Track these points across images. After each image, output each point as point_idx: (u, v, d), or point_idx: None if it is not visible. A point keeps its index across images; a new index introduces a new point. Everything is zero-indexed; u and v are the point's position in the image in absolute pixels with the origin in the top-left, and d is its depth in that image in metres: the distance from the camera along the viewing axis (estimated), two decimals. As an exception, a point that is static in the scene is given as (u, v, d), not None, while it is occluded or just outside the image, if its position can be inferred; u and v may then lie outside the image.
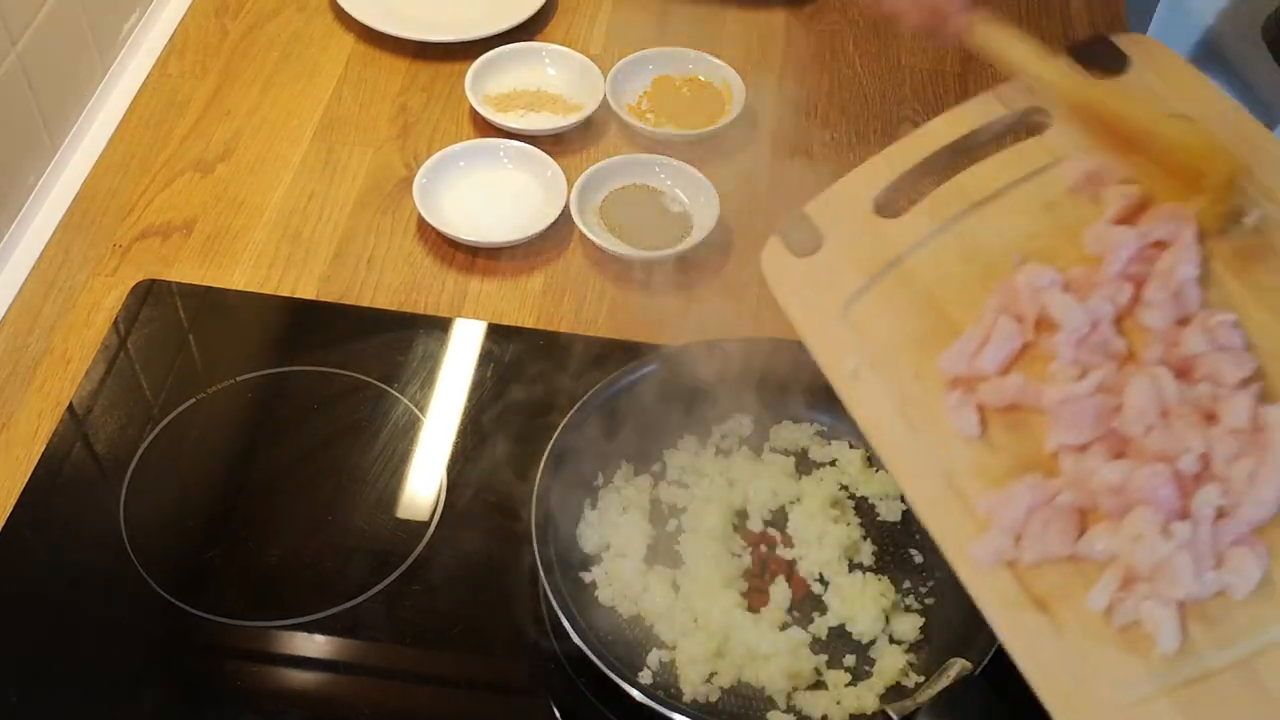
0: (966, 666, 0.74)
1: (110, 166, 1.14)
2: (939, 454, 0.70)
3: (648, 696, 0.75)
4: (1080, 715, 0.60)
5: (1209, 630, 0.60)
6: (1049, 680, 0.61)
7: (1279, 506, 0.61)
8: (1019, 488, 0.66)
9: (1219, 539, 0.61)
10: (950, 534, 0.67)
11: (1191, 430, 0.63)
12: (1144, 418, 0.65)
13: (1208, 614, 0.60)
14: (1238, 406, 0.63)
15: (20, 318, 1.02)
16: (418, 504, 0.91)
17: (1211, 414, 0.65)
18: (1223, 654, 0.59)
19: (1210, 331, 0.67)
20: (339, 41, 1.28)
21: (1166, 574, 0.61)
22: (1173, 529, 0.61)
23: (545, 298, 1.05)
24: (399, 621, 0.85)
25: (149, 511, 0.90)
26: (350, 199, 1.13)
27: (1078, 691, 0.61)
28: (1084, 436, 0.66)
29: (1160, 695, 0.59)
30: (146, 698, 0.81)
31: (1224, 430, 0.63)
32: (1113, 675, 0.61)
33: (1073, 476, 0.66)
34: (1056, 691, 0.61)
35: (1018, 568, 0.65)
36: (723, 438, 0.93)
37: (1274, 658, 0.59)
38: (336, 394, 0.98)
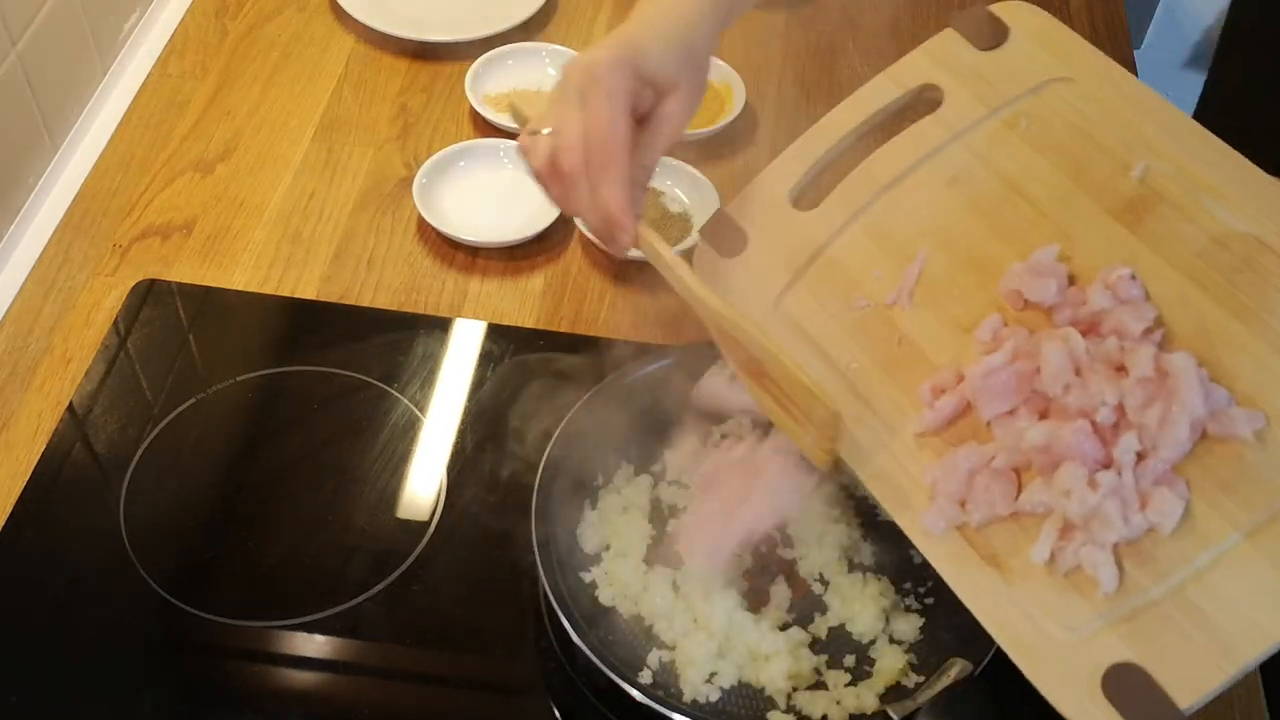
0: (966, 666, 0.74)
1: (110, 166, 1.15)
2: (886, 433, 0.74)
3: (648, 697, 0.75)
4: (1037, 657, 0.65)
5: (1144, 566, 0.65)
6: (1006, 629, 0.67)
7: (1191, 444, 0.66)
8: (958, 456, 0.70)
9: (1141, 482, 0.66)
10: (902, 507, 0.72)
11: (1105, 383, 0.68)
12: (1060, 377, 0.69)
13: (1141, 551, 0.65)
14: (1143, 357, 0.68)
15: (20, 318, 1.02)
16: (418, 504, 0.91)
17: (1121, 365, 0.69)
18: (1159, 586, 0.64)
19: (1111, 287, 0.71)
20: (339, 41, 1.28)
21: (1098, 521, 0.66)
22: (1099, 479, 0.66)
23: (545, 298, 1.05)
24: (399, 621, 0.85)
25: (149, 511, 0.90)
26: (350, 199, 1.13)
27: (1033, 635, 0.66)
28: (1010, 403, 0.71)
29: (1107, 630, 0.64)
30: (146, 698, 0.81)
31: (1133, 380, 0.67)
32: (1062, 618, 0.66)
33: (1005, 441, 0.70)
34: (1014, 638, 0.66)
35: (967, 530, 0.70)
36: (722, 438, 0.93)
37: (1204, 583, 0.63)
38: (336, 394, 0.98)
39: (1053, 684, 0.65)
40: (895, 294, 0.78)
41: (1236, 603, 0.62)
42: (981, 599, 0.68)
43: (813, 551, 0.86)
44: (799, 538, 0.87)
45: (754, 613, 0.83)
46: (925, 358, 0.75)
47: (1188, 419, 0.66)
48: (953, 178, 0.79)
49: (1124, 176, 0.75)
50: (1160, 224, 0.73)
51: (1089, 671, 0.64)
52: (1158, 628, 0.63)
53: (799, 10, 1.32)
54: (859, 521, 0.89)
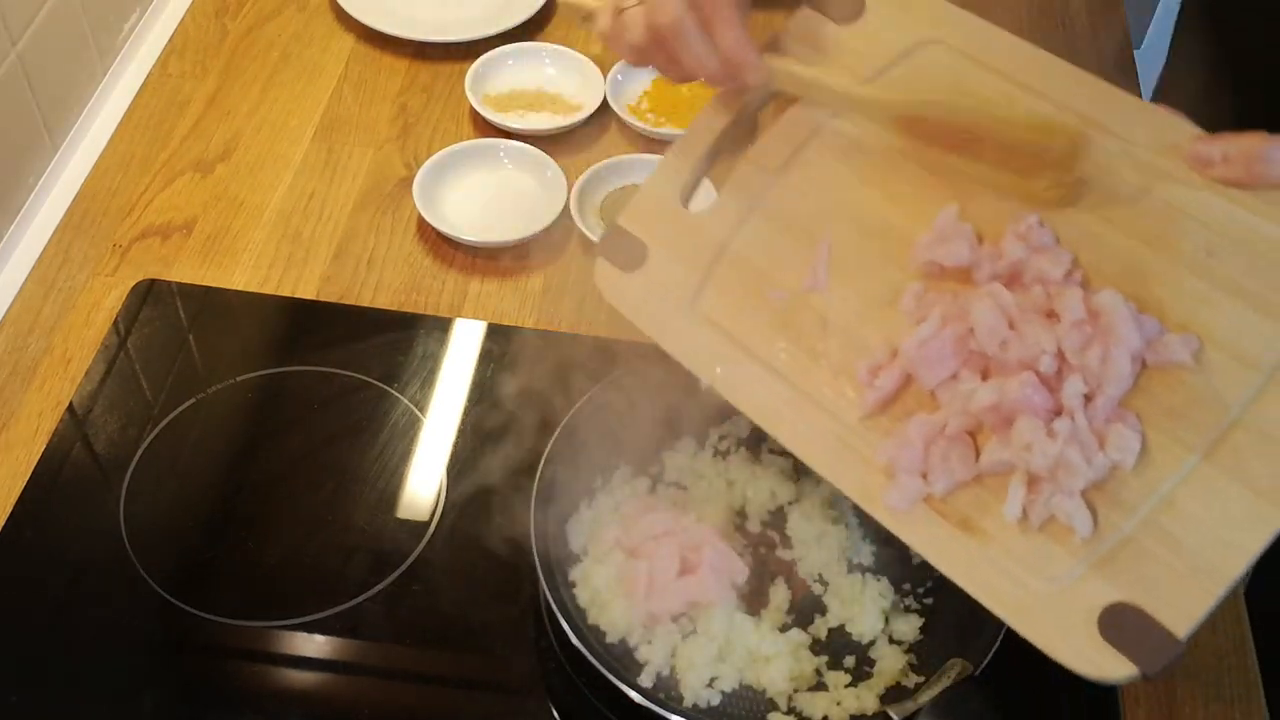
0: (966, 666, 0.74)
1: (110, 166, 1.15)
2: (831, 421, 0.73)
3: (647, 698, 0.75)
4: (1029, 614, 0.65)
5: (1114, 504, 0.65)
6: (991, 592, 0.67)
7: (1134, 377, 0.67)
8: (909, 430, 0.70)
9: (1094, 422, 0.66)
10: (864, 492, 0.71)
11: (1041, 332, 0.68)
12: (995, 334, 0.69)
13: (1108, 491, 0.66)
14: (1071, 300, 0.68)
15: (20, 318, 1.02)
16: (418, 504, 0.91)
17: (1051, 312, 0.69)
18: (1131, 520, 0.65)
19: (1023, 237, 0.71)
20: (339, 41, 1.28)
21: (1063, 469, 0.66)
22: (1055, 428, 0.66)
23: (545, 298, 1.06)
24: (399, 621, 0.85)
25: (149, 511, 0.90)
26: (350, 199, 1.13)
27: (1018, 592, 0.66)
28: (950, 368, 0.71)
29: (1090, 574, 0.64)
30: (146, 698, 0.81)
31: (1067, 325, 0.68)
32: (1044, 570, 0.66)
33: (953, 405, 0.70)
34: (1001, 600, 0.66)
35: (934, 502, 0.69)
36: (720, 439, 0.93)
37: (1174, 510, 0.64)
38: (336, 394, 0.98)
39: (1050, 638, 0.64)
40: (810, 279, 0.77)
41: (1208, 524, 0.63)
42: (961, 566, 0.68)
43: (812, 552, 0.86)
44: (798, 538, 0.87)
45: (753, 615, 0.83)
46: (852, 338, 0.74)
47: (1126, 353, 0.66)
48: (841, 152, 0.78)
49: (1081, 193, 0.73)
50: None
51: (1083, 618, 0.64)
52: (1139, 563, 0.64)
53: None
54: (858, 522, 0.89)
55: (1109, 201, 0.71)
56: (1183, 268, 0.68)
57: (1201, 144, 0.69)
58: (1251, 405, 0.64)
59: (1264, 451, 0.63)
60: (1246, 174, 0.67)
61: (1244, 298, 0.67)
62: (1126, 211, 0.70)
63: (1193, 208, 0.69)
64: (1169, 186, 0.70)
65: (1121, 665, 0.62)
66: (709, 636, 0.81)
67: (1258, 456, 0.63)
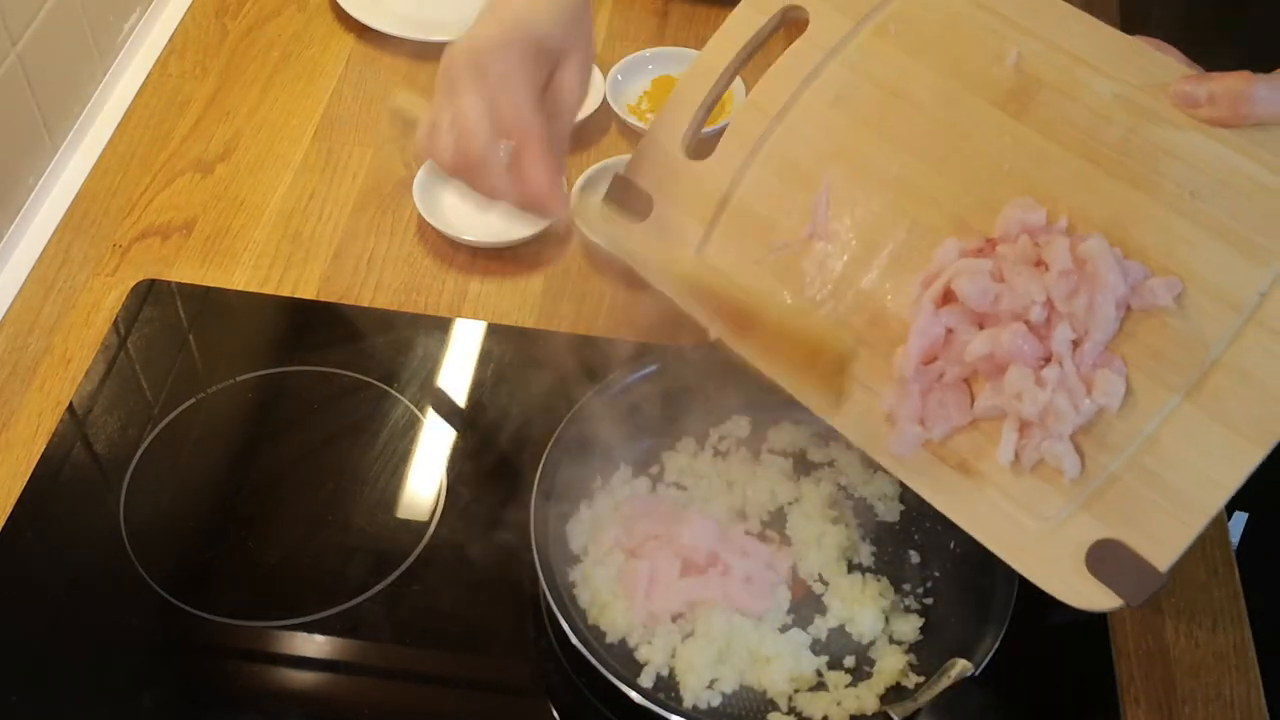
0: (966, 666, 0.74)
1: (110, 166, 1.14)
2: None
3: (647, 699, 0.75)
4: (1022, 550, 0.69)
5: (1101, 446, 0.68)
6: (988, 530, 0.70)
7: (1119, 322, 0.69)
8: (909, 380, 0.72)
9: (1081, 368, 0.69)
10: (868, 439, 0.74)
11: (1030, 283, 0.70)
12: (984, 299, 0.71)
13: (1095, 433, 0.68)
14: (1058, 249, 0.70)
15: (20, 318, 1.02)
16: (418, 504, 0.91)
17: (1039, 261, 0.71)
18: (1117, 460, 0.67)
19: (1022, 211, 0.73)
20: (339, 41, 1.28)
21: (1052, 416, 0.68)
22: (1044, 376, 0.69)
23: (545, 298, 1.05)
24: (399, 621, 0.85)
25: (149, 511, 0.90)
26: (350, 199, 1.13)
27: (1012, 531, 0.69)
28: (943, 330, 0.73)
29: (1079, 512, 0.68)
30: (146, 698, 0.81)
31: (1055, 274, 0.70)
32: (1036, 509, 0.69)
33: (950, 355, 0.72)
34: (996, 536, 0.70)
35: (932, 445, 0.72)
36: (720, 439, 0.93)
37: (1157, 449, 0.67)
38: (336, 394, 0.98)
39: (1041, 572, 0.68)
40: (810, 226, 0.77)
41: (1189, 462, 0.66)
42: (959, 506, 0.71)
43: (812, 552, 0.86)
44: (798, 538, 0.87)
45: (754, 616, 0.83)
46: (853, 285, 0.76)
47: (1111, 299, 0.68)
48: (837, 97, 0.79)
49: (999, 66, 0.75)
50: (1044, 109, 0.74)
51: (1071, 554, 0.67)
52: (1124, 500, 0.67)
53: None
54: (858, 522, 0.89)
55: (1097, 143, 0.72)
56: (1168, 209, 0.69)
57: (1188, 84, 0.70)
58: (1231, 345, 0.66)
59: (1243, 391, 0.65)
60: (1232, 113, 0.68)
61: (1226, 238, 0.68)
62: (1114, 153, 0.71)
63: (1179, 148, 0.70)
64: (1156, 127, 0.71)
65: (1107, 597, 0.66)
66: (709, 639, 0.81)
67: (1237, 396, 0.66)
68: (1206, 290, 0.67)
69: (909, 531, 0.89)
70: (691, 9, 1.32)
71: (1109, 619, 0.86)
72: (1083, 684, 0.84)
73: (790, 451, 0.93)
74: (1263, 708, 0.83)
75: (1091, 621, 0.86)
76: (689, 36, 1.28)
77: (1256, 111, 0.67)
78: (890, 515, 0.89)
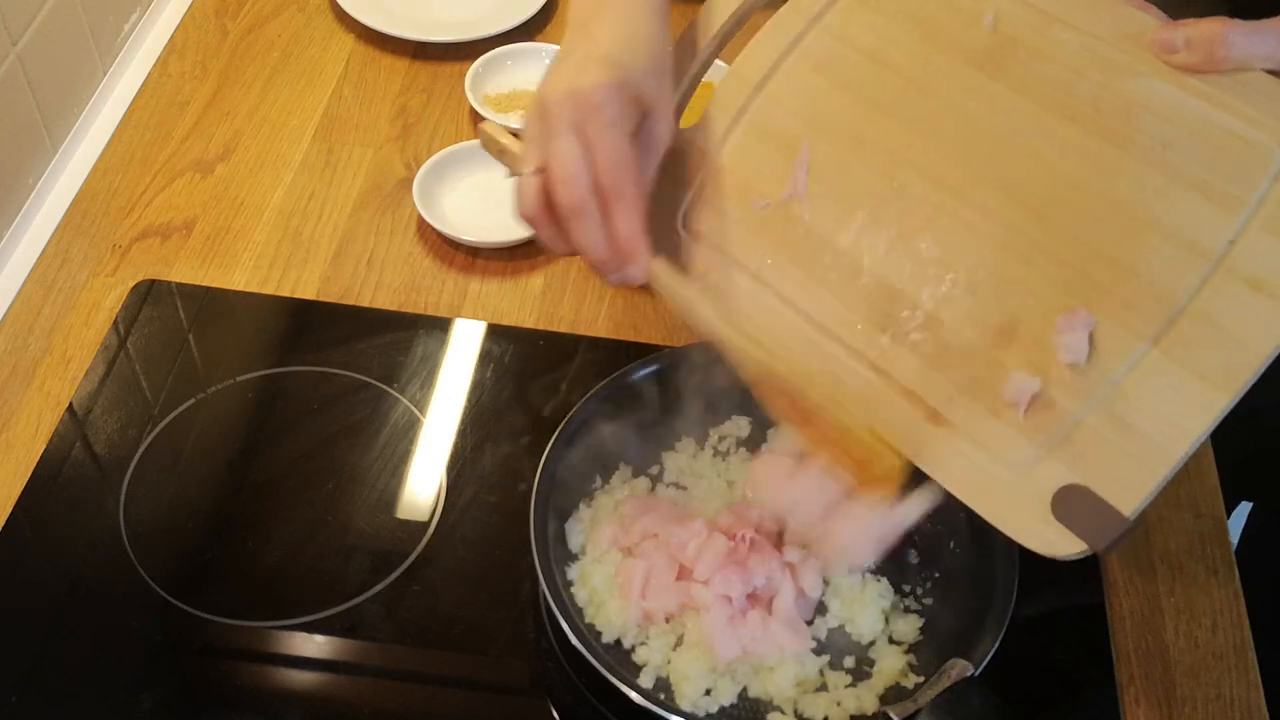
0: (967, 667, 0.74)
1: (110, 166, 1.15)
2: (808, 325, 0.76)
3: (647, 699, 0.75)
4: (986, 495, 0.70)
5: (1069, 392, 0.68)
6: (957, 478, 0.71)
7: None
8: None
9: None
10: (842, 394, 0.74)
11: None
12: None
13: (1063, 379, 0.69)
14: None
15: (20, 318, 1.02)
16: (418, 504, 0.91)
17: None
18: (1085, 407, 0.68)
19: None
20: (339, 41, 1.28)
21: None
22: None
23: (545, 298, 1.06)
24: (399, 621, 0.85)
25: (149, 511, 0.90)
26: (350, 199, 1.13)
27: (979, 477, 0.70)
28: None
29: (1047, 457, 0.68)
30: (146, 698, 0.81)
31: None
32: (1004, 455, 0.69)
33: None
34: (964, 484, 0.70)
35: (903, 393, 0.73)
36: (720, 439, 0.93)
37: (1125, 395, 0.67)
38: (336, 394, 0.98)
39: (1007, 518, 0.68)
40: (790, 188, 0.78)
41: (1156, 408, 0.66)
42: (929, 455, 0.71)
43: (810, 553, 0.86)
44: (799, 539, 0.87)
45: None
46: (830, 244, 0.77)
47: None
48: (818, 63, 0.80)
49: (976, 27, 0.76)
50: (1020, 66, 0.74)
51: (1037, 500, 0.67)
52: (1091, 446, 0.67)
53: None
54: (859, 522, 0.89)
55: (1071, 99, 0.73)
56: (1141, 162, 0.70)
57: (1164, 31, 0.70)
58: (1199, 293, 0.67)
59: (1210, 338, 0.66)
60: (1207, 58, 0.68)
61: (1199, 189, 0.68)
62: (1087, 109, 0.72)
63: (1153, 101, 0.70)
64: (1129, 80, 0.71)
65: (1072, 543, 0.66)
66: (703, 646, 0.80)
67: (1203, 344, 0.66)
68: (1178, 241, 0.68)
69: (909, 531, 0.88)
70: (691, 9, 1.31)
71: (1109, 619, 0.86)
72: (1083, 684, 0.84)
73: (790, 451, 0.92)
74: (1263, 708, 0.83)
75: (1091, 622, 0.86)
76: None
77: (1231, 55, 0.68)
78: (890, 515, 0.89)
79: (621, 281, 0.74)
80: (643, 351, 0.96)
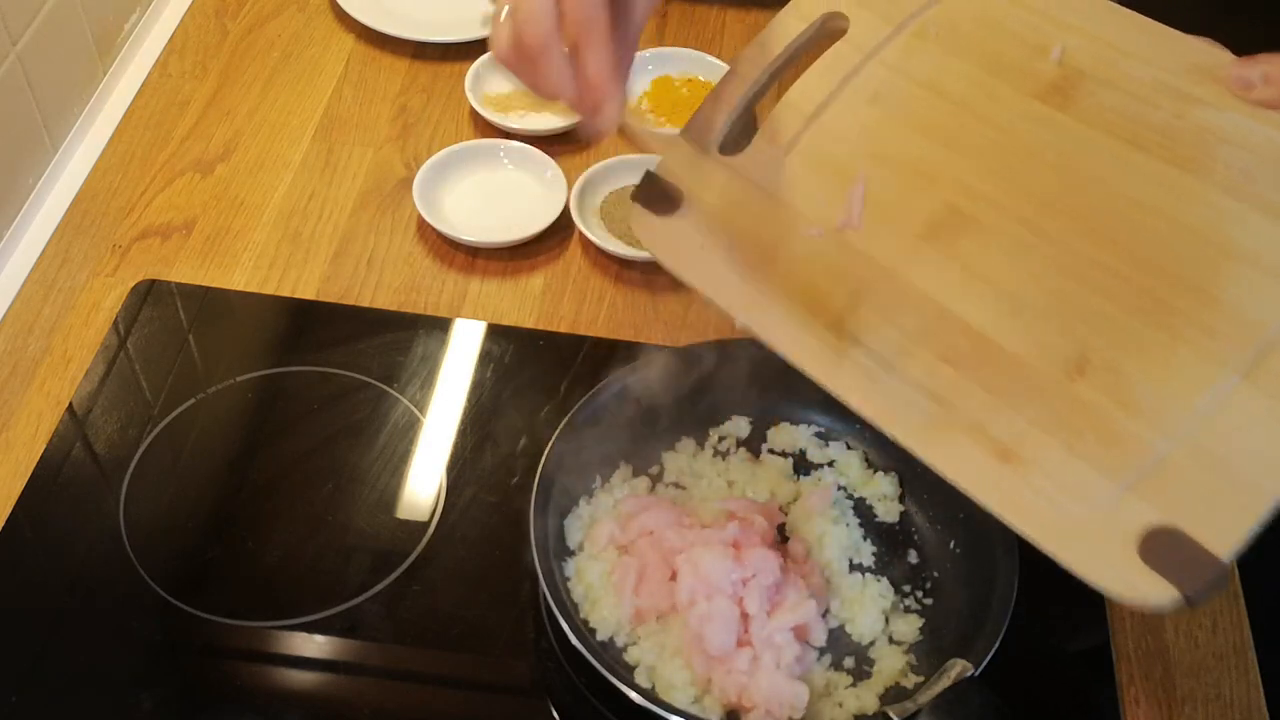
0: (967, 667, 0.74)
1: (110, 167, 1.15)
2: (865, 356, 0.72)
3: (647, 699, 0.75)
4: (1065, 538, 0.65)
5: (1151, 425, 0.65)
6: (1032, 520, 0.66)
7: None
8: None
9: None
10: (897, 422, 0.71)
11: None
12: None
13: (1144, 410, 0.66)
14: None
15: (20, 318, 1.02)
16: (418, 504, 0.91)
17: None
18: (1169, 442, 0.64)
19: None
20: (339, 41, 1.28)
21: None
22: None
23: (545, 298, 1.06)
24: (399, 621, 0.85)
25: (149, 511, 0.90)
26: (350, 199, 1.13)
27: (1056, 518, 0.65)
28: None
29: (1129, 496, 0.64)
30: (146, 698, 0.81)
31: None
32: (1082, 494, 0.65)
33: None
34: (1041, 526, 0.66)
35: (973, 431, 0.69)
36: (720, 439, 0.93)
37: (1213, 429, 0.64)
38: (336, 394, 0.98)
39: (1091, 564, 0.64)
40: (845, 217, 0.77)
41: (1248, 443, 0.63)
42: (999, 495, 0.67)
43: (812, 552, 0.86)
44: (798, 538, 0.87)
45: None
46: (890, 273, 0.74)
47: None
48: (874, 95, 0.79)
49: (1042, 60, 0.75)
50: (1088, 98, 0.73)
51: (1123, 542, 0.63)
52: (1178, 483, 0.64)
53: (799, 10, 1.32)
54: (859, 522, 0.89)
55: (1144, 129, 0.71)
56: (1218, 190, 0.68)
57: (1241, 66, 0.69)
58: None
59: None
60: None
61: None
62: (1160, 138, 0.71)
63: (1230, 132, 0.69)
64: (1202, 110, 0.70)
65: (1164, 589, 0.62)
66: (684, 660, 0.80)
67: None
68: (1263, 269, 0.66)
69: (909, 532, 0.89)
70: (691, 9, 1.32)
71: (1109, 619, 0.86)
72: (1083, 684, 0.84)
73: (790, 451, 0.93)
74: (1263, 708, 0.83)
75: (1091, 622, 0.86)
76: (688, 37, 1.28)
77: None
78: (890, 516, 0.89)
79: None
80: (642, 351, 0.96)
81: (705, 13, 1.31)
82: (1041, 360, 0.69)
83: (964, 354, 0.71)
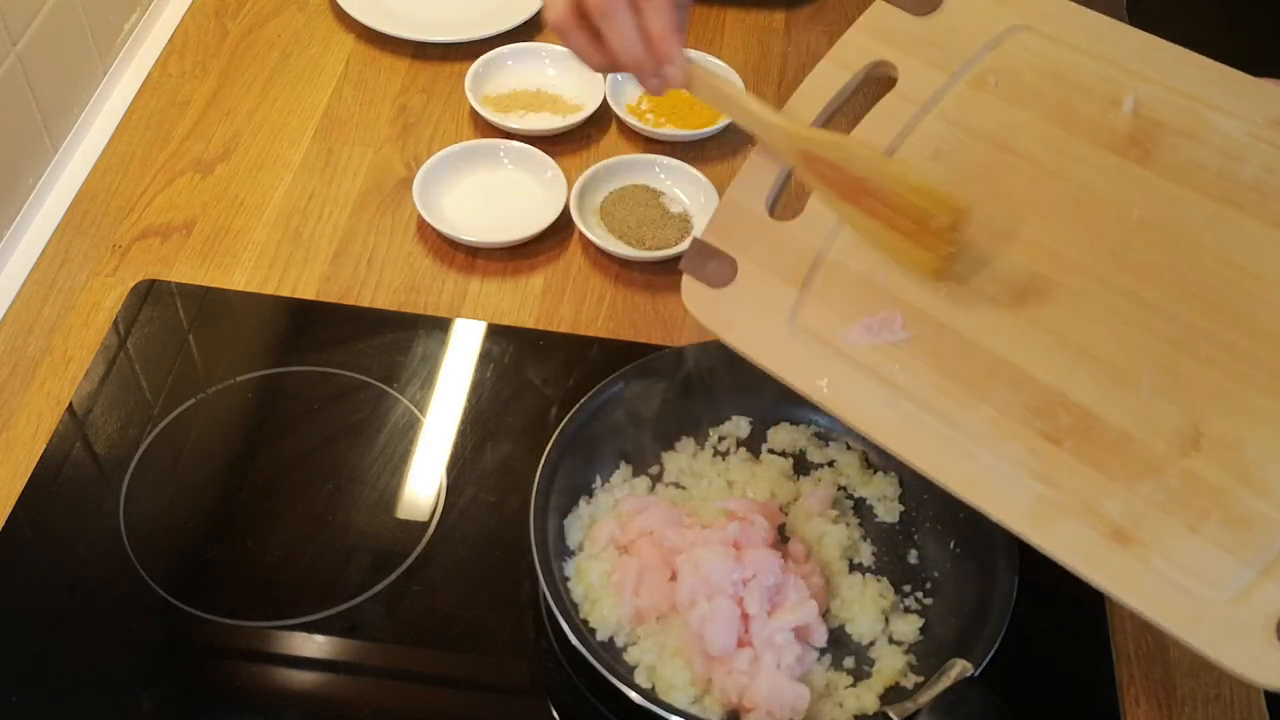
0: (967, 667, 0.74)
1: (110, 166, 1.15)
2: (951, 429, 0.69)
3: (647, 699, 0.75)
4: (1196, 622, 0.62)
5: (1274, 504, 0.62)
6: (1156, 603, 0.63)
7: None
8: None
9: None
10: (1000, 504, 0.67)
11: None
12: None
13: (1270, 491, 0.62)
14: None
15: (20, 318, 1.02)
16: (418, 504, 0.91)
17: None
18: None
19: None
20: (339, 41, 1.28)
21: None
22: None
23: (545, 298, 1.06)
24: (399, 621, 0.85)
25: (149, 511, 0.90)
26: (350, 199, 1.13)
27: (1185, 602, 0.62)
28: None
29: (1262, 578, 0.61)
30: (146, 698, 0.81)
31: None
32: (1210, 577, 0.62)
33: None
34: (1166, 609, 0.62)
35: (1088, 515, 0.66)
36: (720, 439, 0.93)
37: None
38: (336, 394, 0.98)
39: (1224, 648, 0.61)
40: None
41: None
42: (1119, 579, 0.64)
43: (812, 552, 0.86)
44: (799, 538, 0.87)
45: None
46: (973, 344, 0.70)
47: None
48: (935, 151, 0.75)
49: (1115, 111, 0.72)
50: (1171, 153, 0.70)
51: (1260, 625, 0.61)
52: None
53: (798, 10, 1.32)
54: (859, 522, 0.89)
55: (1232, 185, 0.68)
56: None
57: None
58: None
59: None
60: None
61: None
62: (1252, 194, 0.68)
63: None
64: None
65: None
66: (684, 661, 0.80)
67: None
68: None
69: (909, 532, 0.89)
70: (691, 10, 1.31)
71: (1109, 619, 0.86)
72: (1083, 684, 0.84)
73: (790, 451, 0.93)
74: (1263, 708, 0.83)
75: (1091, 622, 0.86)
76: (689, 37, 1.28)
77: None
78: (890, 516, 0.89)
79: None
80: (643, 351, 0.96)
81: (705, 13, 1.31)
82: (1151, 435, 0.65)
83: (1067, 430, 0.67)
